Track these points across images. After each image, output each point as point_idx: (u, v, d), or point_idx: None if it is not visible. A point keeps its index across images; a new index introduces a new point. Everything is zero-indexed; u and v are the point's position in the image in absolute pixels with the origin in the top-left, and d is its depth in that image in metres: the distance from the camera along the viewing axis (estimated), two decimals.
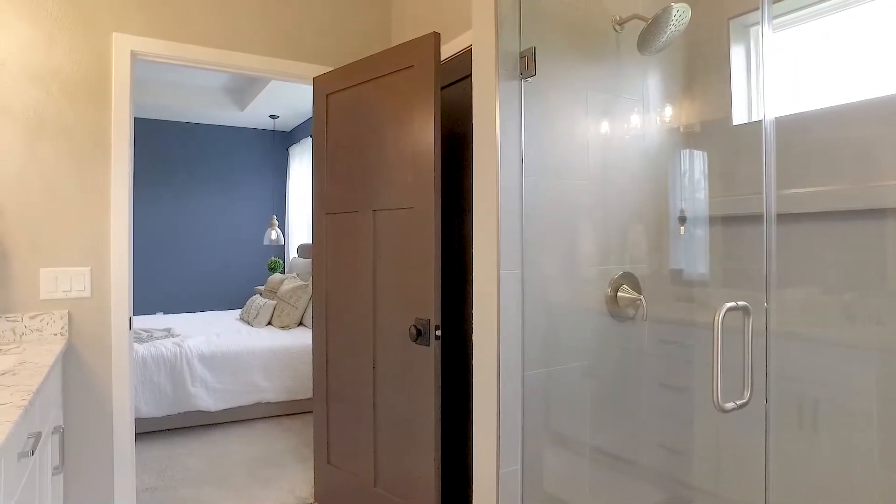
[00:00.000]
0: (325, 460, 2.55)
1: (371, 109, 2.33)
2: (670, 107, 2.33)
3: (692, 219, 2.31)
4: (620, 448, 2.17)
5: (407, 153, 2.17)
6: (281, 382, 3.92)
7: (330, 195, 2.51)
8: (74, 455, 2.15)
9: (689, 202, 2.33)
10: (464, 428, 2.25)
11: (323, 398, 2.56)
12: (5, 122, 2.04)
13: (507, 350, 1.74)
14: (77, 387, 2.15)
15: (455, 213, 2.34)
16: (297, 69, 2.59)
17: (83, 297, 2.15)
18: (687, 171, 2.40)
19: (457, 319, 2.32)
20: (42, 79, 2.09)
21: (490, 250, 1.77)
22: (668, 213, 2.35)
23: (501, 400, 1.69)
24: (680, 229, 2.36)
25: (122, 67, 2.20)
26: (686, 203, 2.33)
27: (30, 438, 1.40)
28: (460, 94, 2.33)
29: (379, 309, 2.28)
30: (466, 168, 2.28)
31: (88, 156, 2.16)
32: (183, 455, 3.25)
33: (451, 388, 2.33)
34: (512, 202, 1.78)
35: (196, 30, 2.36)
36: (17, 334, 2.05)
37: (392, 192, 2.23)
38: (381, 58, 2.29)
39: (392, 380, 2.23)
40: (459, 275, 2.31)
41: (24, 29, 2.06)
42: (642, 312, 2.11)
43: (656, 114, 2.31)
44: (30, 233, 2.08)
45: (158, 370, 3.52)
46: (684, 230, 2.34)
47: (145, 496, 2.73)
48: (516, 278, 1.79)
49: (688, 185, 2.36)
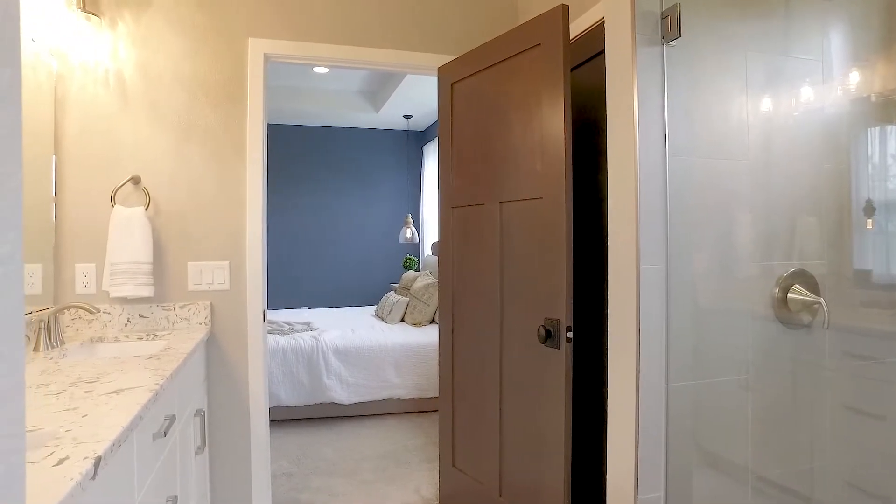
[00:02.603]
0: (451, 463, 2.46)
1: (496, 95, 2.20)
2: (859, 70, 1.91)
3: (883, 209, 1.89)
4: (793, 480, 1.80)
5: (535, 140, 2.01)
6: (412, 379, 3.94)
7: (455, 188, 2.42)
8: (218, 437, 2.28)
9: (880, 190, 1.91)
10: (601, 439, 2.03)
11: (449, 398, 2.47)
12: (161, 127, 2.22)
13: (647, 358, 1.50)
14: (218, 373, 2.28)
15: (589, 203, 2.12)
16: (421, 60, 2.54)
17: (223, 289, 2.28)
18: (877, 151, 1.97)
19: (592, 320, 2.10)
20: (189, 86, 2.25)
21: (627, 242, 1.54)
22: (850, 201, 1.94)
23: (641, 416, 1.46)
24: (867, 222, 1.94)
25: (256, 70, 2.30)
26: (876, 191, 1.91)
27: (166, 420, 1.46)
28: (592, 74, 2.11)
29: (506, 307, 2.14)
30: (602, 157, 2.05)
31: (227, 156, 2.29)
32: (318, 445, 3.38)
33: (587, 394, 2.12)
34: (653, 187, 1.54)
35: (322, 28, 2.40)
36: (171, 322, 2.22)
37: (519, 183, 2.08)
38: (505, 39, 2.15)
39: (519, 383, 2.08)
40: (596, 271, 2.09)
41: (175, 42, 2.23)
42: (822, 319, 1.73)
43: (839, 79, 1.90)
44: (179, 229, 2.24)
45: (297, 361, 3.70)
46: (872, 223, 1.93)
47: (282, 480, 2.86)
48: (659, 275, 1.54)
49: (878, 169, 1.93)
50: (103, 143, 2.15)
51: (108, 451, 0.98)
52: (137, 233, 2.10)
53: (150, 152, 2.21)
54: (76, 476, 0.86)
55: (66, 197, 2.12)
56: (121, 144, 2.17)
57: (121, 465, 1.11)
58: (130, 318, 2.17)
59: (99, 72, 2.15)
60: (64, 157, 2.11)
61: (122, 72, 2.17)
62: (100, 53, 2.14)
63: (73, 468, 0.89)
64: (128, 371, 1.49)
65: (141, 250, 2.10)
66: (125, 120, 2.18)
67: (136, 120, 2.19)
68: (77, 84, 2.12)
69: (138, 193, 2.19)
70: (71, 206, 2.12)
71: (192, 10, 2.24)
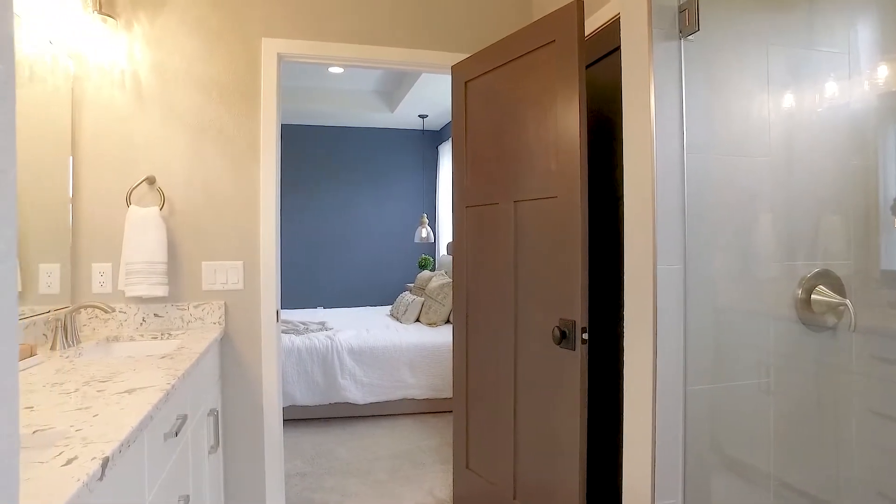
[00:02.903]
0: (464, 464, 2.44)
1: (510, 93, 2.17)
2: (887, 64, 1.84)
3: None
4: (818, 487, 1.75)
5: (549, 138, 1.98)
6: (426, 380, 3.93)
7: (469, 187, 2.40)
8: (231, 437, 2.29)
9: None
10: (616, 441, 1.99)
11: (463, 399, 2.45)
12: (176, 128, 2.23)
13: (664, 361, 1.46)
14: (232, 373, 2.29)
15: (605, 202, 2.08)
16: (435, 58, 2.52)
17: (237, 289, 2.28)
18: None
19: (608, 321, 2.06)
20: (205, 86, 2.25)
21: (644, 242, 1.51)
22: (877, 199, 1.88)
23: (658, 419, 1.42)
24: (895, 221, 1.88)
25: (270, 69, 2.30)
26: None
27: (178, 420, 1.46)
28: (608, 71, 2.07)
29: (520, 307, 2.11)
30: (617, 155, 2.01)
31: (241, 156, 2.29)
32: (332, 444, 3.38)
33: (601, 394, 2.08)
34: (671, 184, 1.50)
35: (335, 28, 2.39)
36: (185, 321, 2.23)
37: (534, 181, 2.05)
38: (520, 36, 2.12)
39: (533, 384, 2.05)
40: (611, 271, 2.05)
41: (191, 44, 2.24)
42: (849, 321, 1.67)
43: (867, 73, 1.84)
44: (193, 228, 2.25)
45: (312, 361, 3.70)
46: None
47: (296, 480, 2.86)
48: (677, 275, 1.50)
49: None
50: (119, 143, 2.17)
51: (115, 451, 0.97)
52: (152, 232, 2.11)
53: (165, 152, 2.22)
54: (83, 477, 0.86)
55: (82, 197, 2.14)
56: (136, 145, 2.19)
57: (131, 465, 1.11)
58: (146, 318, 2.18)
59: (115, 73, 2.16)
60: (81, 157, 2.13)
61: (137, 73, 2.19)
62: (116, 55, 2.16)
63: (81, 469, 0.88)
64: (141, 370, 1.49)
65: (155, 250, 2.11)
66: (140, 120, 2.19)
67: (151, 120, 2.20)
68: (94, 85, 2.14)
69: (153, 193, 2.20)
70: (87, 206, 2.14)
71: (206, 11, 2.25)
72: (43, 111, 1.95)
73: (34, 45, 1.86)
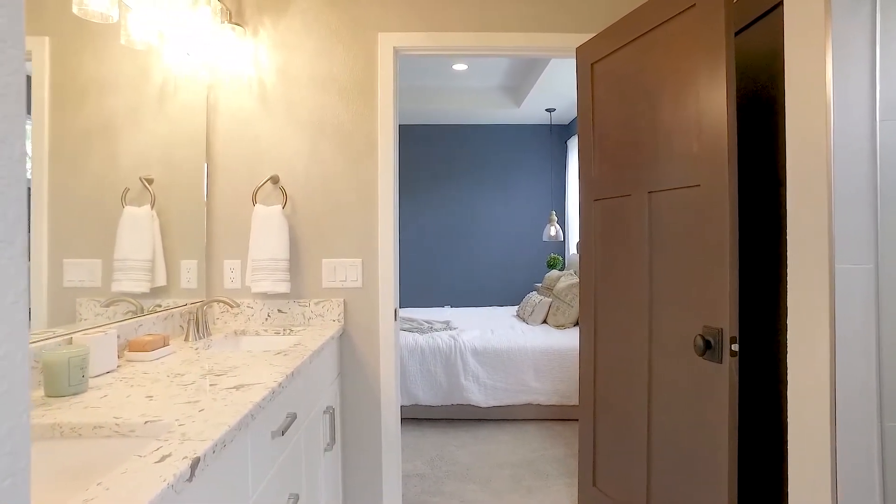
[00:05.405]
0: (591, 482, 2.22)
1: (642, 70, 1.92)
2: None
3: None
4: None
5: (689, 118, 1.71)
6: (552, 385, 3.72)
7: (597, 178, 2.18)
8: (350, 434, 2.29)
9: None
10: (765, 463, 1.66)
11: (590, 409, 2.24)
12: (297, 127, 2.28)
13: (848, 385, 1.15)
14: (350, 370, 2.29)
15: (762, 190, 1.76)
16: (558, 41, 2.33)
17: (356, 286, 2.27)
18: None
19: (764, 330, 1.74)
20: (323, 85, 2.28)
21: (816, 235, 1.21)
22: None
23: (840, 462, 1.12)
24: None
25: (386, 64, 2.26)
26: None
27: (287, 418, 1.45)
28: (760, 38, 1.74)
29: (655, 311, 1.86)
30: (774, 135, 1.68)
31: (358, 152, 2.28)
32: (453, 447, 3.31)
33: (752, 413, 1.76)
34: (855, 161, 1.18)
35: (451, 16, 2.29)
36: (306, 318, 2.27)
37: (671, 169, 1.79)
38: (652, 6, 1.87)
39: (671, 399, 1.79)
40: (769, 272, 1.72)
41: (311, 44, 2.27)
42: None
43: None
44: (313, 226, 2.28)
45: (435, 361, 3.67)
46: None
47: (414, 481, 2.82)
48: (865, 276, 1.18)
49: None
50: (246, 145, 2.27)
51: (208, 451, 0.94)
52: (275, 230, 2.17)
53: (287, 152, 2.28)
54: (169, 478, 0.83)
55: (215, 197, 2.26)
56: (260, 146, 2.27)
57: (230, 463, 1.09)
58: (270, 313, 2.25)
59: (243, 78, 2.26)
60: (214, 161, 2.26)
61: (262, 76, 2.27)
62: (244, 60, 2.26)
63: (170, 468, 0.86)
64: (254, 366, 1.50)
65: (278, 247, 2.17)
66: (265, 122, 2.27)
67: (273, 121, 2.27)
68: (225, 92, 2.26)
69: (276, 192, 2.27)
70: (219, 205, 2.26)
71: (324, 10, 2.27)
72: (187, 120, 2.08)
73: (177, 58, 1.99)
